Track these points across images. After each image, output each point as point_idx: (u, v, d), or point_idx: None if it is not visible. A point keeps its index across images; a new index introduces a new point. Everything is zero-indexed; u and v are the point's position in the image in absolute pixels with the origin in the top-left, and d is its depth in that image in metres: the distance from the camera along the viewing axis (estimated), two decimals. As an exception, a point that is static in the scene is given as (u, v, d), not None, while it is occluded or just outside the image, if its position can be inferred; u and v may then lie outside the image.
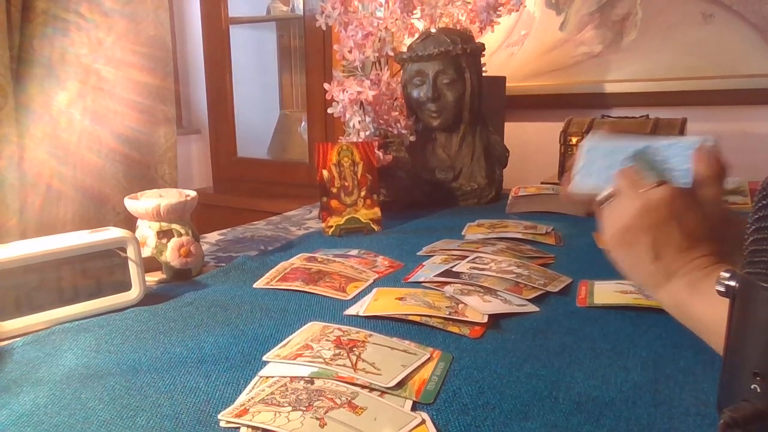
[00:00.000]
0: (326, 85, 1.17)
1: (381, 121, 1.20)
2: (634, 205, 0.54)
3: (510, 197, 1.17)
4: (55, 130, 1.36)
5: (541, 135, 1.71)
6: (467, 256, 0.82)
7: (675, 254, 0.52)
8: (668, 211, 0.53)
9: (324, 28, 1.24)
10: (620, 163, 0.58)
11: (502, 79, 1.59)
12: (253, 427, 0.43)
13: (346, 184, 1.04)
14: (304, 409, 0.45)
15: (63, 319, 0.64)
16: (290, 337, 0.59)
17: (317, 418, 0.43)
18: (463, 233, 1.00)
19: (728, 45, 1.50)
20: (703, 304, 0.50)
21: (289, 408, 0.45)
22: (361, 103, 1.14)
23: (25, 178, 1.31)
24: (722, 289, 0.37)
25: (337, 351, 0.54)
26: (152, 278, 0.79)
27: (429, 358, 0.53)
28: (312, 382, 0.49)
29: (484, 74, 1.29)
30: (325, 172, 1.03)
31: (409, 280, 0.77)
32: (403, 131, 1.23)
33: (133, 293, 0.69)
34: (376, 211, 1.05)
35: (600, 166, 0.60)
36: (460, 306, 0.65)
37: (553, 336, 0.59)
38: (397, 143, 1.26)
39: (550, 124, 1.64)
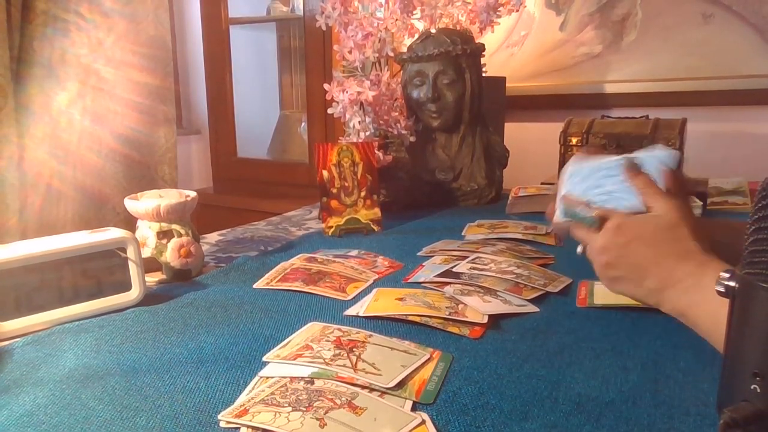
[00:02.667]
0: (326, 86, 1.17)
1: (381, 122, 1.20)
2: (593, 248, 0.60)
3: (510, 197, 1.17)
4: (55, 130, 1.36)
5: (541, 135, 1.71)
6: (467, 257, 0.82)
7: (652, 273, 0.57)
8: (620, 238, 0.58)
9: (324, 28, 1.24)
10: (596, 185, 0.62)
11: (502, 80, 1.59)
12: (253, 428, 0.43)
13: (346, 184, 1.04)
14: (304, 409, 0.45)
15: (63, 320, 0.64)
16: (290, 338, 0.59)
17: (317, 419, 0.44)
18: (463, 233, 1.00)
19: (728, 45, 1.50)
20: (700, 310, 0.51)
21: (289, 408, 0.45)
22: (361, 103, 1.14)
23: (25, 178, 1.31)
24: (722, 289, 0.37)
25: (337, 351, 0.54)
26: (152, 278, 0.79)
27: (429, 359, 0.53)
28: (312, 383, 0.49)
29: (484, 74, 1.29)
30: (325, 173, 1.03)
31: (409, 281, 0.77)
32: (403, 131, 1.23)
33: (133, 293, 0.69)
34: (376, 212, 1.05)
35: (578, 191, 0.63)
36: (460, 306, 0.65)
37: (553, 336, 0.59)
38: (397, 144, 1.26)
39: (550, 124, 1.64)
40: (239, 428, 0.44)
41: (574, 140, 1.42)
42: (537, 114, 1.77)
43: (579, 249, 0.63)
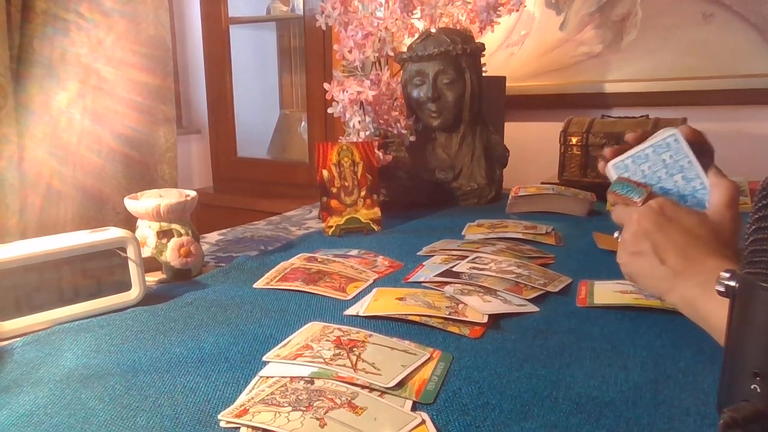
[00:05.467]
0: (326, 85, 1.17)
1: (381, 121, 1.20)
2: (631, 220, 0.60)
3: (510, 197, 1.17)
4: (55, 130, 1.36)
5: (541, 135, 1.71)
6: (467, 256, 0.82)
7: (678, 256, 0.56)
8: (661, 216, 0.58)
9: (324, 28, 1.24)
10: (657, 179, 0.64)
11: (502, 79, 1.59)
12: (253, 427, 0.43)
13: (346, 184, 1.04)
14: (304, 409, 0.45)
15: (63, 319, 0.64)
16: (290, 337, 0.59)
17: (317, 419, 0.44)
18: (463, 233, 1.00)
19: (728, 45, 1.50)
20: (713, 304, 0.51)
21: (289, 408, 0.45)
22: (361, 103, 1.14)
23: (25, 178, 1.31)
24: (722, 289, 0.37)
25: (337, 351, 0.54)
26: (152, 278, 0.79)
27: (429, 358, 0.53)
28: (312, 382, 0.49)
29: (484, 74, 1.29)
30: (325, 172, 1.03)
31: (409, 280, 0.77)
32: (403, 131, 1.23)
33: (133, 293, 0.69)
34: (376, 211, 1.05)
35: (643, 171, 0.64)
36: (460, 306, 0.65)
37: (553, 336, 0.59)
38: (397, 143, 1.26)
39: (550, 124, 1.64)
40: (239, 428, 0.44)
41: (574, 140, 1.41)
42: (537, 114, 1.76)
43: (615, 234, 0.63)
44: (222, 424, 0.45)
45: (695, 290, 0.53)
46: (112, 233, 0.69)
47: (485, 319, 0.62)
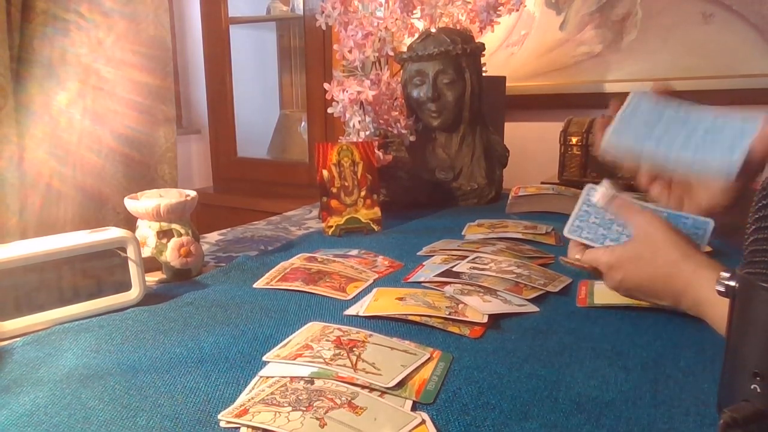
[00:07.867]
0: (326, 85, 1.17)
1: (381, 121, 1.20)
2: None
3: (510, 197, 1.17)
4: (55, 130, 1.36)
5: (541, 135, 1.71)
6: (467, 256, 0.82)
7: (657, 291, 0.59)
8: (617, 274, 0.61)
9: (324, 28, 1.24)
10: (610, 222, 0.65)
11: (502, 79, 1.59)
12: (253, 427, 0.43)
13: (346, 184, 1.04)
14: (304, 409, 0.45)
15: (63, 319, 0.64)
16: (290, 337, 0.59)
17: (317, 418, 0.44)
18: (463, 233, 1.00)
19: (728, 45, 1.49)
20: (713, 312, 0.52)
21: (289, 408, 0.45)
22: (361, 103, 1.14)
23: (25, 178, 1.31)
24: (722, 289, 0.37)
25: (337, 351, 0.54)
26: (152, 278, 0.79)
27: (429, 358, 0.53)
28: (312, 382, 0.49)
29: (484, 74, 1.29)
30: (325, 172, 1.03)
31: (409, 280, 0.77)
32: (403, 131, 1.23)
33: (133, 293, 0.69)
34: (376, 211, 1.05)
35: (595, 222, 0.66)
36: (460, 306, 0.65)
37: (553, 336, 0.59)
38: (397, 143, 1.26)
39: (550, 124, 1.64)
40: (239, 428, 0.44)
41: (574, 140, 1.42)
42: (537, 113, 1.76)
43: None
44: (222, 424, 0.45)
45: (693, 310, 0.56)
46: (112, 233, 0.69)
47: (485, 319, 0.62)
